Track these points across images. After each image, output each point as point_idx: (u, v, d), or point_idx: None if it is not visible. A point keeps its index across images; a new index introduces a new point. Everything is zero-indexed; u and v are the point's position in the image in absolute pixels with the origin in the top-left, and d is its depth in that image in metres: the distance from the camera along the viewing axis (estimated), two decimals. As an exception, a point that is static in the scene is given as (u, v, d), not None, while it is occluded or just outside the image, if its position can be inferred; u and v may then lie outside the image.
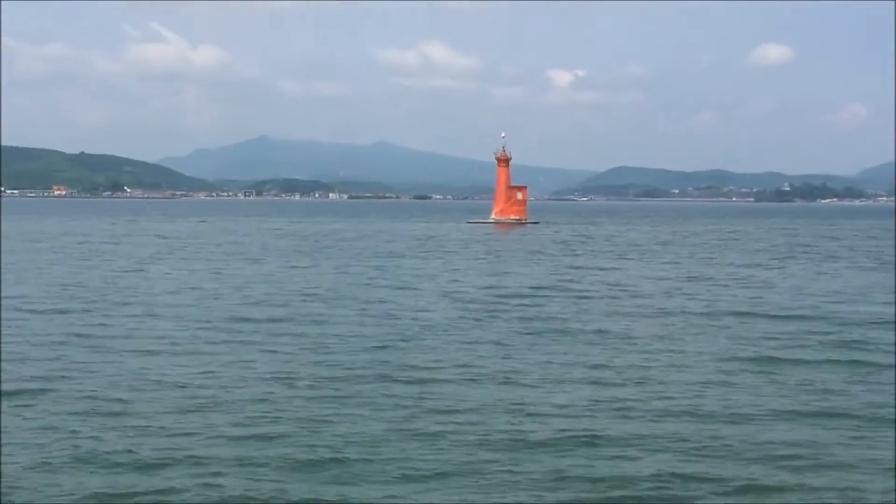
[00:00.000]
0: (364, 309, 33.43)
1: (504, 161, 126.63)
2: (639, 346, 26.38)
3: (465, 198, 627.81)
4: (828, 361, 23.98)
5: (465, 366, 22.72)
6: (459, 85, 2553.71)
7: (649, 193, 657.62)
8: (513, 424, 17.21)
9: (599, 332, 28.94)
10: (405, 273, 49.70)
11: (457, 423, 17.17)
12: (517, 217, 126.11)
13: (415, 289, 41.26)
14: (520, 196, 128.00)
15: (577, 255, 65.10)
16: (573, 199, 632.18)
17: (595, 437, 16.40)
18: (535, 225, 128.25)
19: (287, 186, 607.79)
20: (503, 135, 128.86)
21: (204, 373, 21.80)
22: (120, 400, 18.64)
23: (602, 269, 53.88)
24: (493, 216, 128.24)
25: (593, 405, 18.91)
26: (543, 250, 70.24)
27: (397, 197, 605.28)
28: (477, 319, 30.91)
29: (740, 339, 27.82)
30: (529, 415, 17.93)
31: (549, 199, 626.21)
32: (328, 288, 41.09)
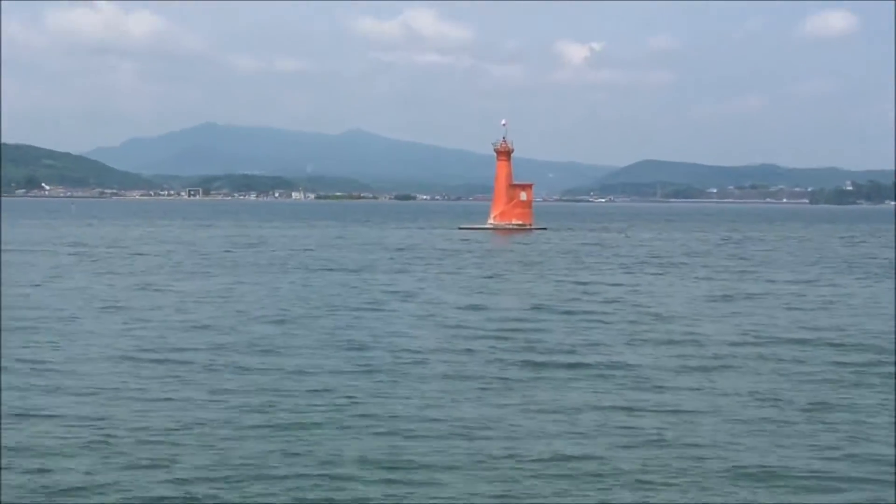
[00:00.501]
0: (326, 337, 34.00)
1: (504, 154, 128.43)
2: (663, 383, 26.60)
3: (458, 198, 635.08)
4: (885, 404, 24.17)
5: (439, 421, 22.10)
6: (450, 61, 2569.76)
7: (682, 193, 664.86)
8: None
9: (615, 365, 29.12)
10: (377, 291, 50.28)
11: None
12: (520, 222, 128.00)
13: (388, 311, 41.73)
14: (524, 196, 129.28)
15: (590, 268, 66.98)
16: (589, 201, 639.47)
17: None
18: (543, 231, 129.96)
19: (241, 184, 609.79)
20: (504, 122, 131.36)
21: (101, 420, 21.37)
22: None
23: (620, 285, 55.10)
24: (490, 221, 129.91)
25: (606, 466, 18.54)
26: (551, 263, 71.54)
27: (375, 197, 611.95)
28: (468, 351, 31.00)
29: (789, 374, 28.10)
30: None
31: (559, 200, 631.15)
32: (281, 309, 41.79)
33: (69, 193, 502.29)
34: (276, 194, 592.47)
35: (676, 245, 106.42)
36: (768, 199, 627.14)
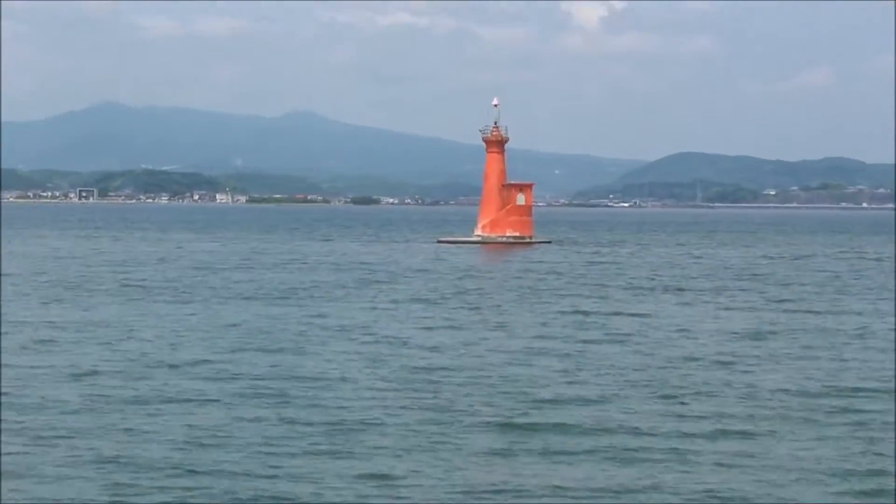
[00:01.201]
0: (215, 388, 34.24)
1: (496, 144, 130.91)
2: (702, 454, 26.55)
3: (435, 202, 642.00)
4: None
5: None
6: (425, 23, 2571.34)
7: (729, 196, 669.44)
8: None
9: (637, 431, 29.05)
10: (311, 326, 50.52)
11: None
12: (517, 233, 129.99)
13: (322, 354, 41.89)
14: (522, 200, 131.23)
15: (605, 297, 68.24)
16: (609, 205, 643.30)
17: None
18: (547, 246, 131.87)
19: (149, 183, 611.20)
20: (495, 102, 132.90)
21: None
22: None
23: (642, 315, 56.61)
24: (478, 232, 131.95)
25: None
26: (557, 289, 72.52)
27: (326, 200, 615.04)
28: (434, 422, 30.05)
29: (868, 440, 28.00)
30: None
31: (570, 205, 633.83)
32: (171, 344, 42.75)
33: None
34: (196, 196, 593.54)
35: (717, 262, 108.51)
36: (844, 204, 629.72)
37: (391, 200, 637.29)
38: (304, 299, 63.03)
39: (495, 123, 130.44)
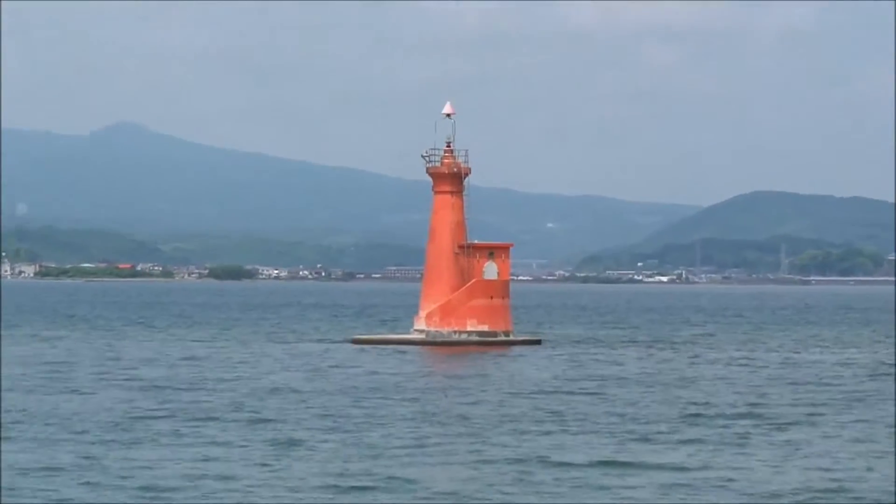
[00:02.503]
0: None
1: (450, 179, 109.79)
2: None
3: (348, 274, 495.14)
4: None
5: None
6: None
7: (834, 263, 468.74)
8: None
9: None
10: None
11: None
12: (484, 327, 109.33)
13: None
14: (493, 271, 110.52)
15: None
16: (638, 279, 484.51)
17: None
18: (534, 350, 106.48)
19: None
20: (448, 110, 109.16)
21: None
22: None
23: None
24: (419, 324, 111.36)
25: None
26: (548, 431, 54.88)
27: (168, 273, 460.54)
28: None
29: None
30: None
31: (573, 278, 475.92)
32: None
33: None
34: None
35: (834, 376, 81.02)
36: None
37: (275, 272, 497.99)
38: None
39: (448, 144, 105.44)
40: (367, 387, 68.74)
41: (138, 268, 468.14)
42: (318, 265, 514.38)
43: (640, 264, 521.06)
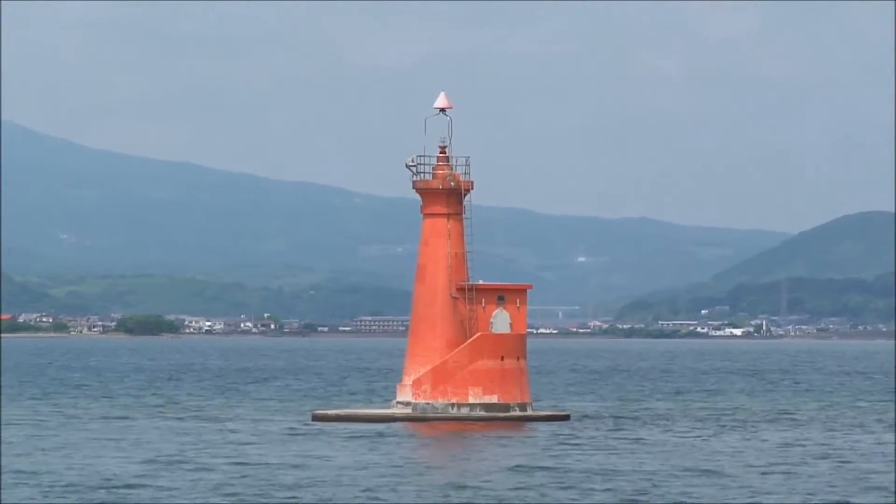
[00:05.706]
0: None
1: (446, 197, 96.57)
2: None
3: (308, 327, 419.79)
4: None
5: None
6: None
7: None
8: None
9: None
10: None
11: None
12: (493, 398, 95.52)
13: None
14: (504, 321, 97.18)
15: None
16: (700, 331, 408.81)
17: None
18: (560, 427, 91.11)
19: None
20: (442, 103, 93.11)
21: None
22: None
23: None
24: (402, 395, 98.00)
25: None
26: None
27: (62, 324, 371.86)
28: None
29: None
30: None
31: (614, 329, 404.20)
32: None
33: None
34: None
35: None
36: None
37: (207, 323, 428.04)
38: None
39: (442, 150, 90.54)
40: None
41: (20, 319, 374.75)
42: (266, 315, 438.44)
43: (704, 312, 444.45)
